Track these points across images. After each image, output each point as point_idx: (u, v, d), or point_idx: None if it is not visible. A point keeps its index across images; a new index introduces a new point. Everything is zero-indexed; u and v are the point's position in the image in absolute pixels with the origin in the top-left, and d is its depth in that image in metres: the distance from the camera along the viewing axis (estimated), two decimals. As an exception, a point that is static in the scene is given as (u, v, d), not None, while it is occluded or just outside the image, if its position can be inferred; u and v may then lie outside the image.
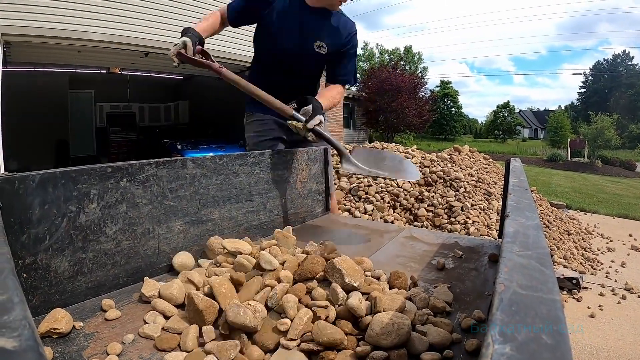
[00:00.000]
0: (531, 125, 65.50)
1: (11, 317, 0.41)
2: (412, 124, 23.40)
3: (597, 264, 4.50)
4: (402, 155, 5.49)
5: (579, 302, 3.53)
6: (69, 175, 1.14)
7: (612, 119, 25.27)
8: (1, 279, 0.49)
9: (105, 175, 1.24)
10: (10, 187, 1.02)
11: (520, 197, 0.98)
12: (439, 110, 35.77)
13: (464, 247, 1.62)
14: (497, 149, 28.97)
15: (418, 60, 46.04)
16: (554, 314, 0.42)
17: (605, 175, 15.54)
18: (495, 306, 0.44)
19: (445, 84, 44.98)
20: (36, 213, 1.06)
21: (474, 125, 63.49)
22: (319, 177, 2.24)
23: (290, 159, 2.03)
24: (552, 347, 0.37)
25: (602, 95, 50.68)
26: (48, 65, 11.81)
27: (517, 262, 0.55)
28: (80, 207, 1.17)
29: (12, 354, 0.35)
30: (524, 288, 0.47)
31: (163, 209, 1.40)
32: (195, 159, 1.52)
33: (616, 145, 23.93)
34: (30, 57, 10.05)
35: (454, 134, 42.31)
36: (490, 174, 5.33)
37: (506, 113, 47.82)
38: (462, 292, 1.19)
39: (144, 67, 13.05)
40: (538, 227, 0.72)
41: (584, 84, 56.89)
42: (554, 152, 22.21)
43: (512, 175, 1.35)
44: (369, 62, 42.25)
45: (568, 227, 5.46)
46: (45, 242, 1.09)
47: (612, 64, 53.68)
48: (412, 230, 1.93)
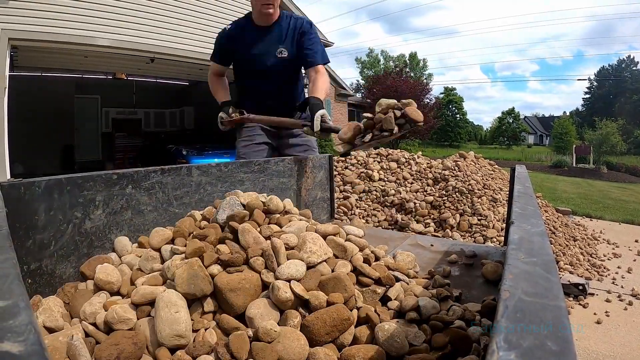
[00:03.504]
0: (536, 131, 65.32)
1: (17, 322, 0.41)
2: (417, 130, 23.31)
3: (603, 270, 4.46)
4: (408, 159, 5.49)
5: (586, 309, 3.50)
6: (75, 182, 1.15)
7: (617, 124, 25.15)
8: (7, 284, 0.50)
9: (110, 182, 1.24)
10: (16, 192, 1.02)
11: (526, 204, 0.98)
12: (443, 117, 35.71)
13: (469, 254, 1.61)
14: (502, 156, 28.87)
15: (423, 67, 46.09)
16: (559, 321, 0.42)
17: (610, 181, 15.45)
18: (500, 313, 0.43)
19: (449, 91, 44.93)
20: (42, 219, 1.07)
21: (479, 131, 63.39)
22: (324, 185, 2.25)
23: (296, 167, 2.03)
24: (558, 353, 0.36)
25: (607, 101, 50.52)
26: (55, 70, 11.91)
27: (522, 269, 0.55)
28: (85, 213, 1.18)
29: (17, 359, 0.35)
30: (529, 295, 0.47)
31: (168, 216, 1.40)
32: (200, 166, 1.53)
33: (622, 151, 23.80)
34: (37, 61, 10.14)
35: (458, 140, 42.21)
36: (496, 180, 5.31)
37: (511, 119, 47.68)
38: (467, 299, 1.18)
39: (150, 72, 13.13)
40: (543, 234, 0.72)
41: (589, 89, 56.77)
42: (559, 159, 22.08)
43: (517, 182, 1.34)
44: (374, 69, 42.31)
45: (574, 233, 5.42)
46: (51, 247, 1.09)
47: (617, 69, 53.55)
48: (417, 237, 1.92)
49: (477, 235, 4.24)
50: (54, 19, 7.14)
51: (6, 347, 0.36)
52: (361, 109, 23.60)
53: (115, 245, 1.26)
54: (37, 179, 1.07)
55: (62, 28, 7.27)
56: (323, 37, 13.58)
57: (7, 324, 0.40)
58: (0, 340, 0.37)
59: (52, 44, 7.33)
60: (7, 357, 0.35)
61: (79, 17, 7.46)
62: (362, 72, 45.09)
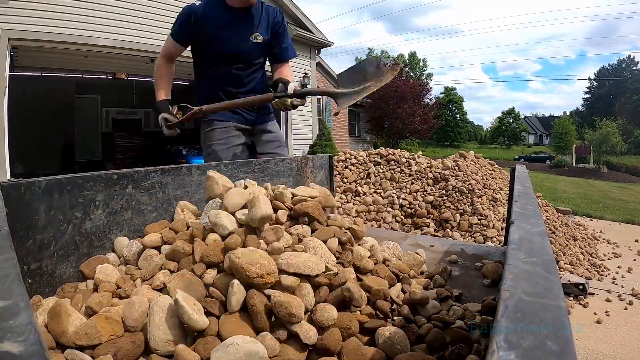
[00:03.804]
0: (536, 131, 65.30)
1: (17, 322, 0.41)
2: (417, 130, 23.32)
3: (603, 269, 4.46)
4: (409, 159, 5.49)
5: (586, 308, 3.50)
6: (75, 182, 1.15)
7: (617, 124, 25.17)
8: (7, 284, 0.50)
9: (110, 182, 1.24)
10: (16, 192, 1.02)
11: (526, 204, 0.97)
12: (443, 117, 35.70)
13: (469, 254, 1.61)
14: (502, 156, 28.85)
15: (423, 66, 46.07)
16: (559, 321, 0.42)
17: (610, 181, 15.46)
18: (500, 313, 0.43)
19: (449, 91, 44.93)
20: (42, 219, 1.07)
21: (479, 131, 63.36)
22: (323, 185, 2.24)
23: (296, 167, 2.03)
24: (558, 353, 0.36)
25: (607, 101, 50.52)
26: (55, 70, 11.90)
27: (522, 269, 0.55)
28: (85, 213, 1.17)
29: (18, 359, 0.35)
30: (529, 295, 0.47)
31: (168, 216, 1.40)
32: (200, 166, 1.52)
33: (622, 150, 23.82)
34: (37, 61, 10.14)
35: (458, 140, 42.23)
36: (496, 180, 5.31)
37: (511, 119, 47.67)
38: (467, 299, 1.18)
39: (150, 72, 13.10)
40: (543, 234, 0.72)
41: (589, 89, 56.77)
42: (559, 158, 22.10)
43: (517, 182, 1.34)
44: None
45: (574, 232, 5.42)
46: (51, 248, 1.09)
47: (617, 69, 53.54)
48: (417, 237, 1.92)
49: (477, 235, 4.24)
50: (54, 19, 7.14)
51: (6, 347, 0.36)
52: (361, 108, 23.60)
53: (115, 245, 1.26)
54: (37, 179, 1.06)
55: (62, 28, 7.27)
56: (323, 37, 13.55)
57: (7, 324, 0.40)
58: (0, 340, 0.37)
59: (52, 44, 7.33)
60: (7, 357, 0.35)
61: (79, 17, 7.45)
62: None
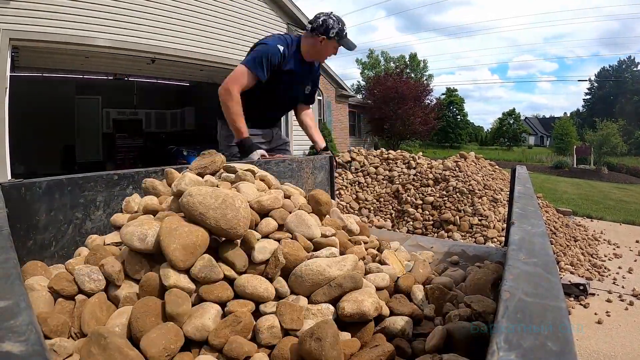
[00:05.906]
0: (537, 132, 65.28)
1: (18, 322, 0.41)
2: (418, 131, 23.31)
3: (604, 270, 4.45)
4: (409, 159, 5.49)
5: (586, 309, 3.49)
6: (76, 182, 1.15)
7: (617, 125, 25.14)
8: (8, 284, 0.50)
9: (111, 183, 1.24)
10: (17, 193, 1.02)
11: (526, 205, 0.97)
12: (444, 118, 35.66)
13: (470, 255, 1.61)
14: (503, 157, 28.84)
15: (423, 67, 46.02)
16: (559, 321, 0.42)
17: (611, 182, 15.42)
18: (501, 313, 0.43)
19: (450, 92, 44.90)
20: (42, 219, 1.06)
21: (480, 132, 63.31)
22: (324, 186, 2.24)
23: (296, 168, 2.03)
24: (558, 353, 0.36)
25: (607, 102, 50.51)
26: (56, 70, 11.93)
27: (522, 270, 0.55)
28: (86, 214, 1.17)
29: (18, 358, 0.35)
30: (529, 295, 0.47)
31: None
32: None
33: (622, 151, 23.79)
34: (38, 62, 10.16)
35: (459, 141, 42.14)
36: (497, 181, 5.31)
37: (512, 120, 47.63)
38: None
39: (151, 73, 13.14)
40: (544, 235, 0.72)
41: (590, 90, 56.75)
42: (560, 159, 22.07)
43: (517, 183, 1.34)
44: (375, 70, 42.25)
45: (575, 233, 5.42)
46: (51, 248, 1.09)
47: (618, 70, 53.53)
48: (417, 237, 1.92)
49: (478, 236, 4.24)
50: (54, 19, 7.15)
51: (7, 347, 0.36)
52: (362, 109, 23.60)
53: None
54: (38, 180, 1.06)
55: (63, 28, 7.28)
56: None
57: (8, 324, 0.40)
58: (1, 340, 0.37)
59: (52, 44, 7.35)
60: (8, 357, 0.35)
61: (79, 17, 7.47)
62: (363, 73, 45.02)
